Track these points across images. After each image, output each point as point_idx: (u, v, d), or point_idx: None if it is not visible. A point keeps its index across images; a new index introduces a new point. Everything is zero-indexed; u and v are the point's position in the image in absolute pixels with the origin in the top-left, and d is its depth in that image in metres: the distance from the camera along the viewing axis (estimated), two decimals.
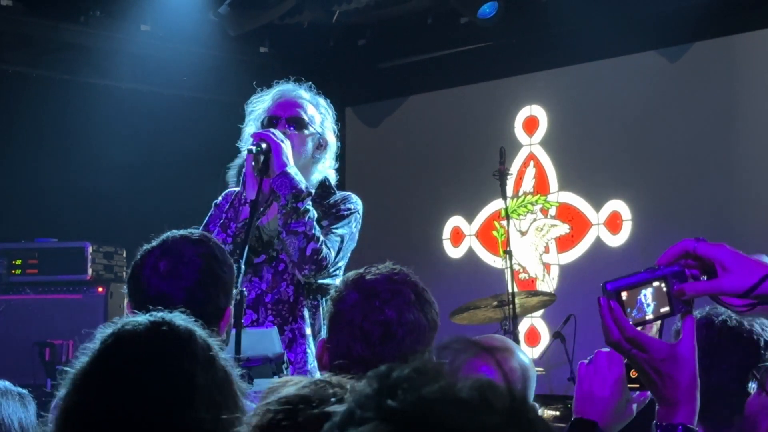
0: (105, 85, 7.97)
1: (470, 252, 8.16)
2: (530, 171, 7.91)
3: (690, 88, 7.16)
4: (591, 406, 2.08)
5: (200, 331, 1.76)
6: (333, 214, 4.02)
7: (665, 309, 1.75)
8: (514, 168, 7.78)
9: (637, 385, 2.03)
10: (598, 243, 7.54)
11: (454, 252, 8.24)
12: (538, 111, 7.91)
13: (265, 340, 3.46)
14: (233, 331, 3.24)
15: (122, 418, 1.63)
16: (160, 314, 1.76)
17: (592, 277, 7.20)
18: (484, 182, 6.79)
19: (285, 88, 4.11)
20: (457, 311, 5.94)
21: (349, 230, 4.01)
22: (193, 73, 8.02)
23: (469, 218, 8.16)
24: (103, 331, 1.76)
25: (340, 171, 8.26)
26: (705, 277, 1.74)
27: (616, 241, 7.44)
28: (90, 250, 6.99)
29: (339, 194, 4.12)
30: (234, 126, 4.27)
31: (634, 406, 2.10)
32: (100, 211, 7.60)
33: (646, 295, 1.74)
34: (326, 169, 4.12)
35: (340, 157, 4.47)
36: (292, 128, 3.99)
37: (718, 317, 2.45)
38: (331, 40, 8.20)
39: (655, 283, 1.74)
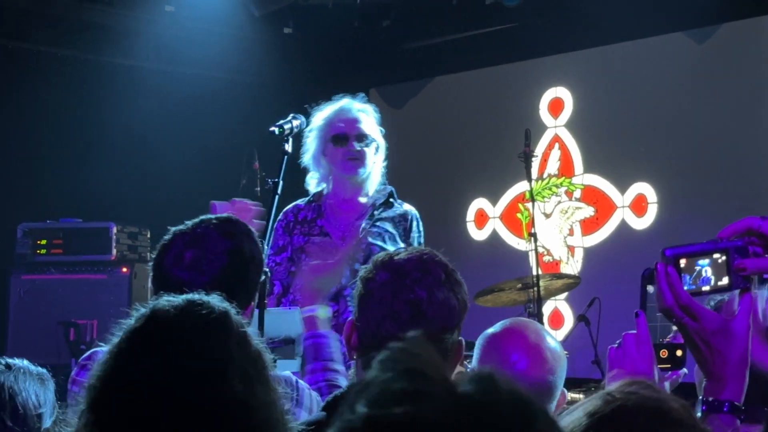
0: (129, 65, 7.97)
1: (494, 234, 8.13)
2: (555, 153, 7.87)
3: (718, 70, 7.10)
4: None
5: (234, 312, 1.76)
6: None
7: (723, 283, 1.72)
8: (539, 150, 7.75)
9: (668, 365, 2.01)
10: (623, 226, 7.49)
11: (478, 234, 8.21)
12: (563, 93, 7.86)
13: (288, 321, 3.45)
14: (256, 311, 3.24)
15: (157, 390, 1.64)
16: (195, 295, 1.76)
17: (617, 260, 7.21)
18: (509, 164, 6.76)
19: (345, 106, 4.42)
20: (481, 293, 5.92)
21: None
22: (217, 54, 8.01)
23: (494, 200, 8.13)
24: (138, 312, 1.76)
25: None
26: None
27: (642, 223, 7.40)
28: (114, 230, 7.00)
29: (409, 213, 4.47)
30: (257, 106, 4.30)
31: (667, 385, 2.08)
32: (125, 191, 7.62)
33: (705, 266, 1.72)
34: (381, 166, 4.50)
35: None
36: (355, 144, 4.35)
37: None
38: (356, 20, 8.17)
39: (716, 255, 1.71)
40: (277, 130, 3.85)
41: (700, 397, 1.73)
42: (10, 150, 7.55)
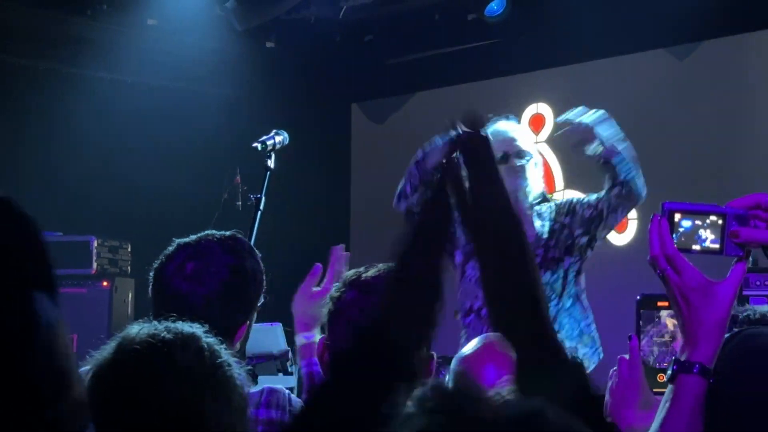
0: (111, 79, 7.97)
1: None
2: None
3: (699, 87, 7.14)
4: (613, 408, 2.08)
5: (207, 338, 1.79)
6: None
7: (715, 246, 1.73)
8: None
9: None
10: (604, 242, 7.49)
11: None
12: (544, 109, 7.88)
13: (270, 337, 3.45)
14: None
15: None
16: (170, 323, 1.81)
17: (598, 276, 7.20)
18: None
19: (499, 128, 4.72)
20: None
21: None
22: (200, 68, 8.01)
23: None
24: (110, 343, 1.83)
25: (345, 167, 8.19)
26: None
27: (622, 240, 7.42)
28: (95, 244, 6.98)
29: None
30: (239, 120, 4.29)
31: None
32: (106, 205, 7.59)
33: (690, 227, 1.73)
34: (540, 180, 4.89)
35: (346, 153, 4.57)
36: (516, 161, 4.71)
37: (742, 313, 2.42)
38: (338, 35, 8.18)
39: (712, 217, 1.73)
40: (259, 146, 3.85)
41: (673, 357, 1.73)
42: None
